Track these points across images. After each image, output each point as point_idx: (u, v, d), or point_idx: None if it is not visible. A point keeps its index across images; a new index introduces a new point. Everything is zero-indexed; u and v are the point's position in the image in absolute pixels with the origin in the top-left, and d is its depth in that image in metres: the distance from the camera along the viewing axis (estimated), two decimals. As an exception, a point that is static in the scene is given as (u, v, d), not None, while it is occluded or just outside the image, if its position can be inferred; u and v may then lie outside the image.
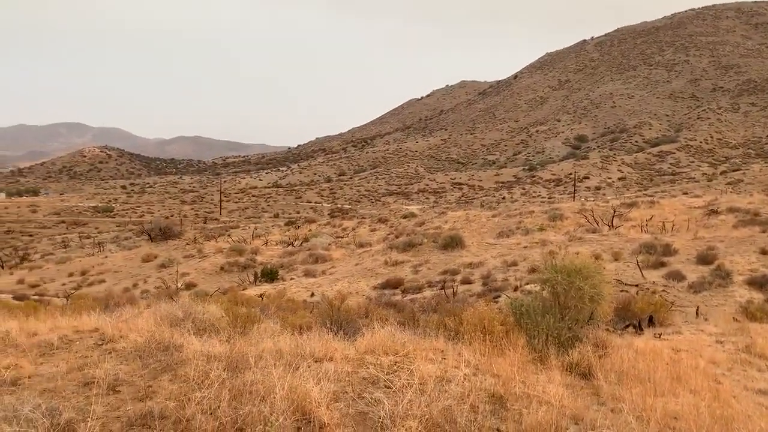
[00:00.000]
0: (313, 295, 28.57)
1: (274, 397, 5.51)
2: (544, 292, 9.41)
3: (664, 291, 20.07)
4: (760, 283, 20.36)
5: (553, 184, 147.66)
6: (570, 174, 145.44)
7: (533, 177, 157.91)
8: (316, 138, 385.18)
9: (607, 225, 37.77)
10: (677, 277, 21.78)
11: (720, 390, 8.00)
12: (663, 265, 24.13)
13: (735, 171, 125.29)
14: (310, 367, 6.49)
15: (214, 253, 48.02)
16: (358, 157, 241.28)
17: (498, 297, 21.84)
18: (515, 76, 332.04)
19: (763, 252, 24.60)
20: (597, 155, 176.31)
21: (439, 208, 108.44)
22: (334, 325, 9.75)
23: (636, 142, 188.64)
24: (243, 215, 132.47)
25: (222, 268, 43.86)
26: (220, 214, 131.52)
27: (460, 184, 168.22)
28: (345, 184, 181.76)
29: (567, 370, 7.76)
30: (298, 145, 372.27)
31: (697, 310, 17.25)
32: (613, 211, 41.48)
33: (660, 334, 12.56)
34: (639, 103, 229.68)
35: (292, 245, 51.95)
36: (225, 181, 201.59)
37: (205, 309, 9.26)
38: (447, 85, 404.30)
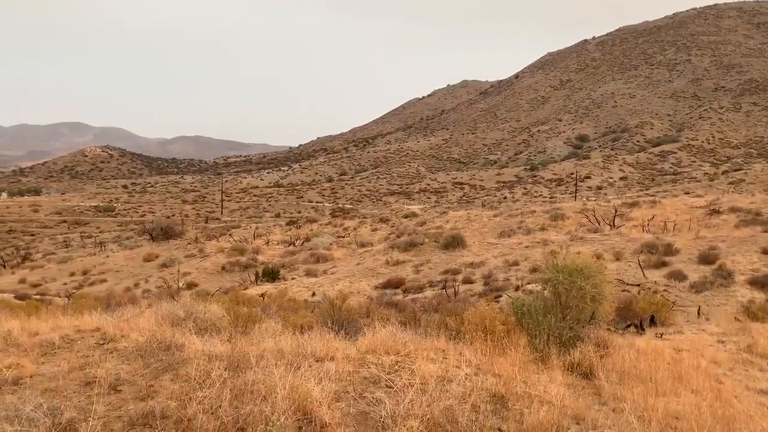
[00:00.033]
0: (314, 294, 28.58)
1: (276, 396, 5.51)
2: (545, 291, 9.40)
3: (666, 291, 20.06)
4: (762, 282, 20.34)
5: (554, 183, 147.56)
6: (571, 174, 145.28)
7: (535, 177, 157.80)
8: (318, 138, 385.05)
9: (609, 225, 37.76)
10: (679, 276, 21.77)
11: (722, 390, 7.99)
12: (664, 264, 24.12)
13: (737, 171, 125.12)
14: (311, 366, 6.49)
15: (216, 253, 48.05)
16: (360, 157, 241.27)
17: (499, 297, 21.84)
18: (516, 76, 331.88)
19: (765, 252, 24.58)
20: (598, 155, 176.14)
21: (441, 208, 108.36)
22: (336, 325, 9.75)
23: (637, 141, 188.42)
24: (244, 215, 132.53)
25: (223, 268, 43.91)
26: (222, 213, 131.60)
27: (462, 183, 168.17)
28: (346, 184, 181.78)
29: (568, 369, 7.75)
30: (300, 145, 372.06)
31: (698, 310, 17.23)
32: (615, 211, 41.48)
33: (661, 334, 12.55)
34: (640, 103, 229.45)
35: (294, 245, 51.98)
36: (226, 181, 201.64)
37: (207, 308, 9.27)
38: (448, 84, 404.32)
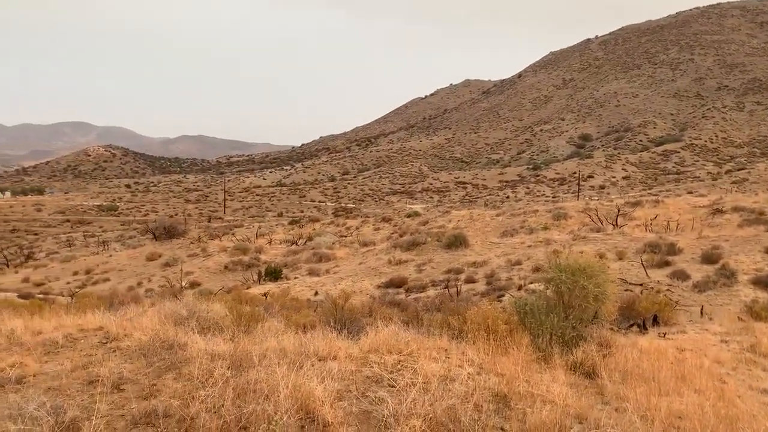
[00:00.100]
0: (316, 293, 28.59)
1: (278, 395, 5.52)
2: (548, 291, 9.39)
3: (669, 290, 20.01)
4: (765, 282, 20.27)
5: (557, 183, 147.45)
6: (574, 173, 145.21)
7: (537, 176, 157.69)
8: (320, 137, 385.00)
9: (612, 224, 37.71)
10: (682, 276, 21.71)
11: (725, 389, 7.98)
12: (667, 264, 24.07)
13: (740, 170, 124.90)
14: (313, 365, 6.49)
15: (218, 252, 48.09)
16: (362, 156, 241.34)
17: (502, 296, 21.83)
18: (519, 75, 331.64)
19: (768, 251, 24.51)
20: (601, 154, 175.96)
21: (443, 207, 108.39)
22: (338, 324, 9.76)
23: (640, 141, 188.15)
24: (247, 214, 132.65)
25: (226, 267, 43.94)
26: (224, 213, 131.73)
27: (464, 183, 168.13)
28: (349, 183, 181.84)
29: (571, 369, 7.74)
30: (302, 145, 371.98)
31: (701, 310, 17.19)
32: (618, 210, 41.42)
33: (664, 334, 12.53)
34: (643, 102, 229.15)
35: (296, 244, 52.00)
36: (229, 180, 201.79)
37: (209, 307, 9.27)
38: (451, 84, 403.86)
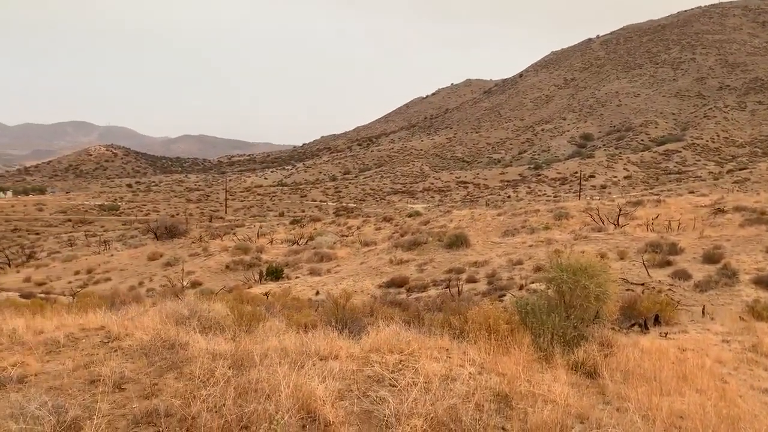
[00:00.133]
0: (318, 293, 28.60)
1: (280, 395, 5.52)
2: (549, 290, 9.39)
3: (670, 290, 20.00)
4: (767, 282, 20.25)
5: (558, 182, 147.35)
6: (575, 173, 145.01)
7: (539, 176, 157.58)
8: (322, 137, 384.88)
9: (613, 224, 37.68)
10: (683, 276, 21.69)
11: (726, 389, 7.97)
12: (669, 264, 24.05)
13: (742, 170, 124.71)
14: (315, 365, 6.49)
15: (220, 252, 48.11)
16: (364, 156, 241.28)
17: (503, 296, 21.82)
18: (521, 75, 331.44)
19: (770, 251, 24.47)
20: (603, 154, 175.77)
21: (445, 207, 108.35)
22: (339, 324, 9.77)
23: (642, 140, 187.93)
24: (248, 214, 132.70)
25: (227, 267, 43.95)
26: (226, 212, 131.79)
27: (466, 182, 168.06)
28: (350, 183, 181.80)
29: (572, 368, 7.74)
30: (304, 144, 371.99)
31: (703, 309, 17.18)
32: (619, 210, 41.39)
33: (666, 333, 12.53)
34: (645, 102, 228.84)
35: (297, 244, 52.01)
36: (230, 180, 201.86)
37: (211, 307, 9.28)
38: (452, 83, 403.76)
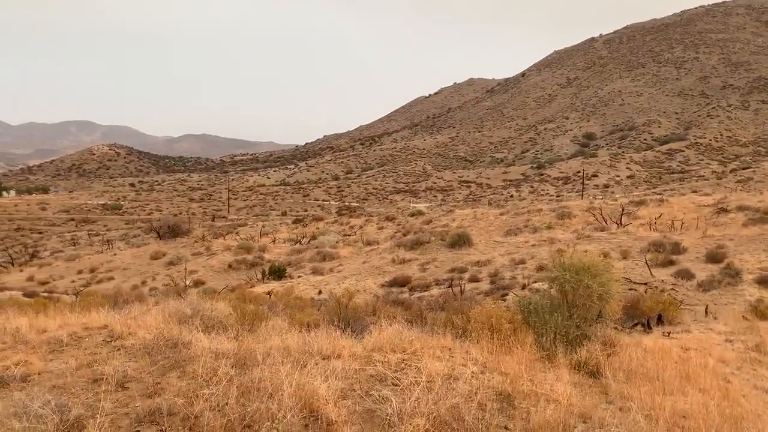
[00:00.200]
0: (320, 292, 28.63)
1: (282, 394, 5.52)
2: (552, 290, 9.37)
3: (673, 289, 19.97)
4: (770, 281, 20.20)
5: (561, 182, 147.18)
6: (578, 172, 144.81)
7: (541, 175, 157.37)
8: (324, 136, 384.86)
9: (616, 223, 37.63)
10: (686, 275, 21.66)
11: (729, 389, 7.95)
12: (672, 263, 24.01)
13: (745, 169, 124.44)
14: (317, 364, 6.50)
15: (222, 251, 48.14)
16: (366, 155, 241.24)
17: (506, 295, 21.81)
18: (523, 74, 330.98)
19: (774, 250, 24.42)
20: (606, 153, 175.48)
21: (447, 206, 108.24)
22: (342, 323, 9.76)
23: (645, 140, 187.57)
24: (251, 213, 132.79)
25: (230, 266, 43.98)
26: (228, 211, 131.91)
27: (468, 182, 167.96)
28: (353, 182, 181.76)
29: (575, 368, 7.73)
30: (306, 143, 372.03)
31: (706, 309, 17.15)
32: (622, 210, 41.34)
33: (669, 333, 12.51)
34: (648, 101, 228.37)
35: (300, 243, 52.03)
36: (233, 179, 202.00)
37: (213, 306, 9.29)
38: (455, 82, 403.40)
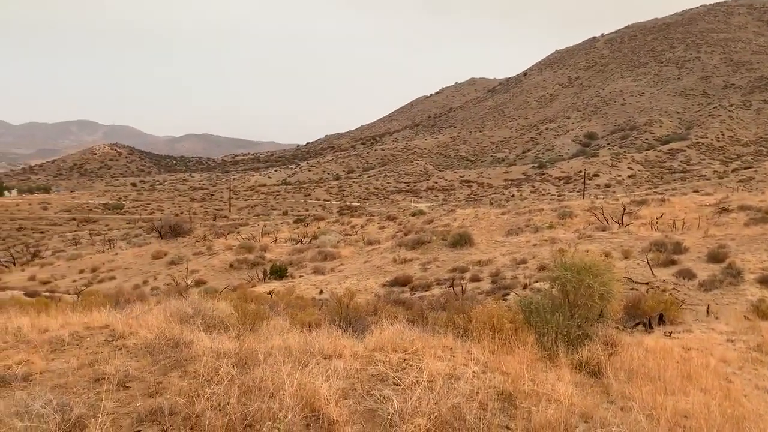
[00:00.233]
0: (321, 292, 28.63)
1: (283, 393, 5.52)
2: (553, 289, 9.37)
3: (675, 289, 19.96)
4: (772, 281, 20.17)
5: (562, 181, 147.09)
6: (580, 172, 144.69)
7: (543, 175, 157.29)
8: (325, 135, 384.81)
9: (617, 223, 37.60)
10: (688, 275, 21.64)
11: (731, 389, 7.95)
12: (673, 263, 23.99)
13: (746, 169, 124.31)
14: (319, 364, 6.50)
15: (224, 251, 48.15)
16: (367, 155, 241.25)
17: (507, 295, 21.80)
18: (525, 74, 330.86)
19: (775, 250, 24.39)
20: (607, 153, 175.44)
21: (448, 206, 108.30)
22: (343, 323, 9.77)
23: (646, 139, 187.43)
24: (252, 213, 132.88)
25: (231, 266, 43.99)
26: (230, 211, 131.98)
27: (469, 181, 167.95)
28: (354, 182, 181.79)
29: (576, 368, 7.73)
30: (307, 143, 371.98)
31: (707, 309, 17.13)
32: (623, 209, 41.29)
33: (670, 333, 12.50)
34: (649, 101, 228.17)
35: (301, 243, 52.03)
36: (234, 179, 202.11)
37: (215, 306, 9.30)
38: (456, 82, 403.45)
